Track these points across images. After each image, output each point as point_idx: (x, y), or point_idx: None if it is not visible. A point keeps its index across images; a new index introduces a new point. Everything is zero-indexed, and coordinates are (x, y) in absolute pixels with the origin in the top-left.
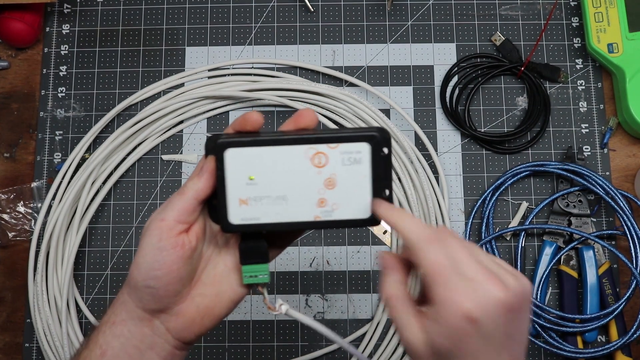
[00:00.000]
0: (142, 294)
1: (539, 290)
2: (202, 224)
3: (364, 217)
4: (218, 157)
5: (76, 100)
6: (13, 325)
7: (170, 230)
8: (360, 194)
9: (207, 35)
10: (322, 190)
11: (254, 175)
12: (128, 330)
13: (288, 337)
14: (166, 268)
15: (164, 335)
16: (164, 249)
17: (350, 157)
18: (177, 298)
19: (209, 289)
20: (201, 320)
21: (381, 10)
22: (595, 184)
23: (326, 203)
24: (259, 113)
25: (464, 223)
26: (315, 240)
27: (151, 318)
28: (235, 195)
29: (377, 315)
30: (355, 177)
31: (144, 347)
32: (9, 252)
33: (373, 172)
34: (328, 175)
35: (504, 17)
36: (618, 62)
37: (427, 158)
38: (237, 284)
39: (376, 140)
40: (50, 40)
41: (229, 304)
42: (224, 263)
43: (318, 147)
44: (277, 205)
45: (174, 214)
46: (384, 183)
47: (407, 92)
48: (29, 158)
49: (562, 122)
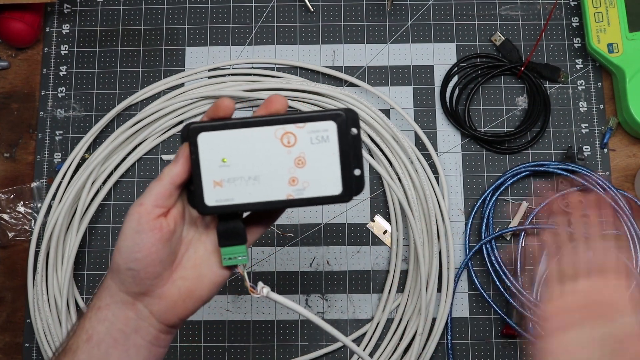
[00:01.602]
0: (124, 277)
1: (539, 291)
2: (180, 208)
3: (335, 194)
4: (192, 142)
5: (76, 100)
6: (13, 325)
7: (149, 214)
8: (330, 172)
9: (207, 35)
10: (292, 169)
11: (227, 158)
12: (112, 314)
13: (288, 337)
14: (146, 250)
15: (147, 318)
16: (142, 232)
17: (317, 135)
18: (159, 280)
19: (190, 272)
20: (183, 303)
21: (381, 10)
22: (595, 184)
23: (297, 181)
24: (231, 99)
25: (464, 223)
26: (315, 240)
27: (134, 302)
28: (210, 178)
29: (377, 315)
30: (324, 155)
31: (128, 330)
32: (9, 252)
33: (341, 150)
34: (298, 155)
35: (504, 17)
36: (618, 62)
37: (427, 158)
38: (217, 266)
39: (342, 118)
40: (50, 40)
41: (211, 286)
42: (204, 247)
43: (286, 127)
44: (250, 186)
45: (152, 198)
46: (355, 162)
47: (407, 92)
48: (29, 158)
49: (562, 122)
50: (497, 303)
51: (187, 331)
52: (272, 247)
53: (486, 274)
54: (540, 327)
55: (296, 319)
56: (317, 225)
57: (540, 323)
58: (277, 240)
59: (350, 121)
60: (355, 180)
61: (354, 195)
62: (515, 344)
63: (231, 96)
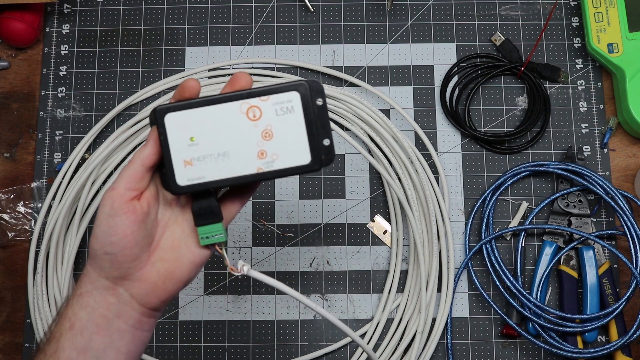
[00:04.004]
0: (102, 262)
1: (539, 290)
2: (154, 191)
3: (304, 163)
4: (159, 124)
5: (76, 100)
6: (13, 325)
7: (121, 197)
8: (298, 142)
9: (207, 35)
10: (260, 142)
11: (195, 136)
12: (94, 300)
13: (288, 337)
14: (121, 233)
15: (129, 302)
16: (116, 215)
17: (282, 106)
18: (137, 263)
19: (169, 253)
20: (163, 284)
21: (381, 10)
22: (595, 184)
23: (266, 154)
24: (195, 80)
25: (464, 223)
26: (315, 240)
27: (114, 286)
28: (180, 158)
29: (377, 315)
30: (290, 126)
31: (111, 315)
32: (9, 252)
33: (307, 120)
34: (264, 127)
35: (504, 17)
36: (618, 62)
37: (427, 158)
38: (195, 247)
39: (304, 88)
40: (50, 40)
41: (190, 266)
42: (181, 228)
43: (250, 101)
44: (219, 162)
45: (124, 182)
46: (323, 132)
47: (407, 92)
48: (29, 158)
49: (562, 122)
50: (497, 303)
51: (187, 331)
52: (272, 247)
53: (486, 274)
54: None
55: (296, 319)
56: (317, 225)
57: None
58: (277, 240)
59: (314, 92)
60: (325, 150)
61: (324, 165)
62: (515, 344)
63: None
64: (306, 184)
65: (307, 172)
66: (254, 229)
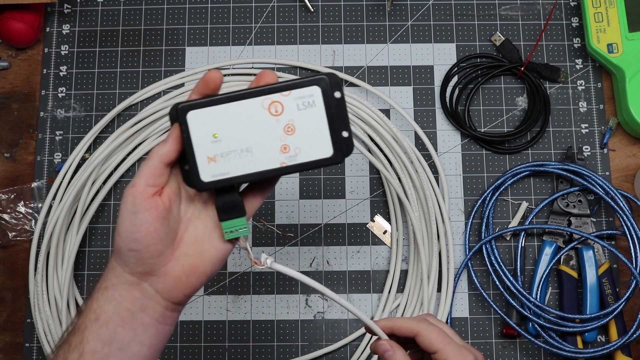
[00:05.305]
0: (127, 258)
1: (539, 290)
2: (175, 187)
3: (327, 156)
4: (182, 121)
5: (76, 100)
6: (13, 325)
7: (142, 194)
8: (320, 135)
9: (207, 36)
10: (283, 137)
11: (218, 133)
12: (119, 294)
13: (288, 337)
14: (144, 230)
15: (153, 297)
16: (138, 212)
17: (303, 101)
18: (161, 259)
19: (192, 249)
20: (187, 279)
21: (381, 10)
22: (595, 184)
23: (289, 148)
24: (218, 71)
25: (464, 223)
26: (315, 240)
27: (139, 281)
28: (203, 154)
29: (377, 315)
30: (312, 120)
31: (135, 309)
32: (9, 252)
33: (328, 113)
34: (286, 122)
35: (504, 17)
36: (618, 62)
37: (427, 158)
38: (219, 241)
39: (325, 82)
40: (50, 41)
41: (214, 261)
42: (204, 224)
43: (272, 96)
44: (243, 158)
45: (143, 178)
46: (342, 125)
47: (407, 92)
48: (29, 158)
49: (562, 122)
50: (497, 303)
51: (187, 331)
52: (272, 247)
53: (486, 274)
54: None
55: (296, 318)
56: (317, 225)
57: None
58: (277, 240)
59: (333, 85)
60: (344, 142)
61: (345, 157)
62: (515, 344)
63: None
64: (306, 183)
65: (330, 165)
66: (254, 229)
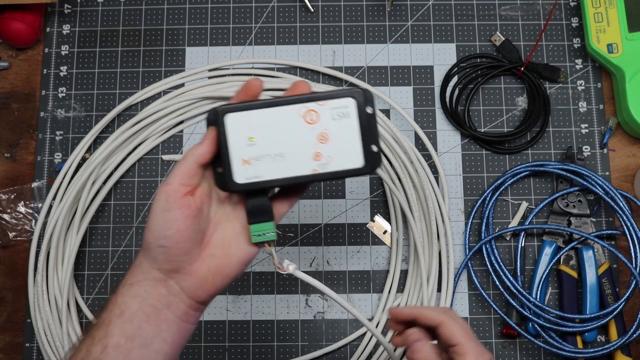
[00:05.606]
0: (156, 254)
1: (539, 290)
2: (206, 189)
3: (358, 167)
4: (220, 123)
5: (77, 100)
6: (13, 325)
7: (175, 193)
8: (352, 146)
9: (207, 36)
10: (316, 144)
11: (254, 137)
12: (144, 291)
13: (288, 337)
14: (175, 227)
15: (178, 294)
16: (171, 210)
17: (339, 111)
18: (189, 257)
19: (219, 250)
20: (213, 279)
21: (381, 10)
22: (595, 184)
23: (321, 156)
24: (259, 79)
25: (464, 223)
26: (315, 240)
27: (166, 278)
28: (238, 156)
29: (377, 315)
30: (345, 130)
31: (160, 306)
32: (9, 252)
33: (360, 125)
34: (320, 131)
35: (504, 17)
36: (618, 63)
37: (427, 158)
38: (245, 244)
39: (360, 95)
40: (50, 41)
41: (239, 263)
42: (232, 226)
43: (309, 105)
44: (276, 162)
45: (177, 177)
46: (372, 139)
47: (407, 92)
48: (29, 158)
49: (562, 122)
50: (497, 303)
51: None
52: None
53: (486, 274)
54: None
55: (296, 318)
56: (317, 225)
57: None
58: (277, 240)
59: (367, 100)
60: (373, 156)
61: (374, 169)
62: (515, 344)
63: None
64: None
65: (359, 175)
66: None
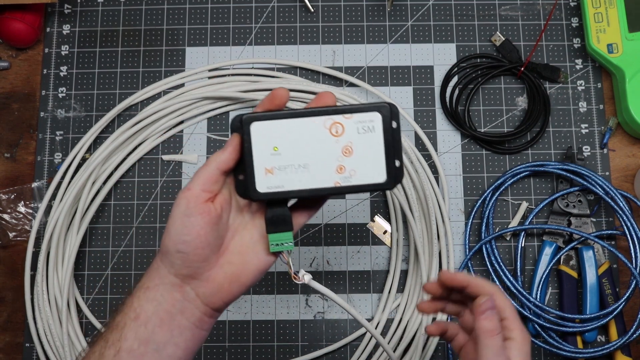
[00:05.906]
0: (174, 259)
1: (539, 290)
2: (227, 196)
3: (380, 182)
4: (245, 131)
5: (77, 100)
6: (13, 325)
7: (196, 198)
8: (376, 160)
9: (207, 36)
10: (340, 157)
11: (278, 146)
12: (160, 295)
13: (288, 337)
14: (194, 233)
15: (194, 300)
16: (191, 215)
17: (364, 125)
18: (206, 264)
19: (236, 257)
20: (229, 287)
21: (381, 10)
22: (595, 184)
23: (345, 169)
24: (285, 89)
25: (464, 223)
26: (315, 240)
27: (182, 284)
28: (262, 165)
29: (377, 315)
30: (370, 144)
31: (175, 311)
32: (10, 252)
33: (385, 140)
34: (345, 144)
35: (504, 17)
36: (618, 63)
37: (427, 158)
38: (263, 253)
39: (386, 109)
40: (50, 41)
41: (255, 272)
42: (250, 235)
43: (335, 117)
44: (300, 173)
45: (199, 183)
46: (396, 155)
47: (407, 92)
48: (29, 158)
49: (562, 122)
50: None
51: None
52: None
53: (486, 274)
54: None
55: (296, 318)
56: (317, 225)
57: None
58: None
59: (393, 115)
60: (396, 170)
61: (396, 184)
62: None
63: (231, 97)
64: None
65: (380, 190)
66: None
